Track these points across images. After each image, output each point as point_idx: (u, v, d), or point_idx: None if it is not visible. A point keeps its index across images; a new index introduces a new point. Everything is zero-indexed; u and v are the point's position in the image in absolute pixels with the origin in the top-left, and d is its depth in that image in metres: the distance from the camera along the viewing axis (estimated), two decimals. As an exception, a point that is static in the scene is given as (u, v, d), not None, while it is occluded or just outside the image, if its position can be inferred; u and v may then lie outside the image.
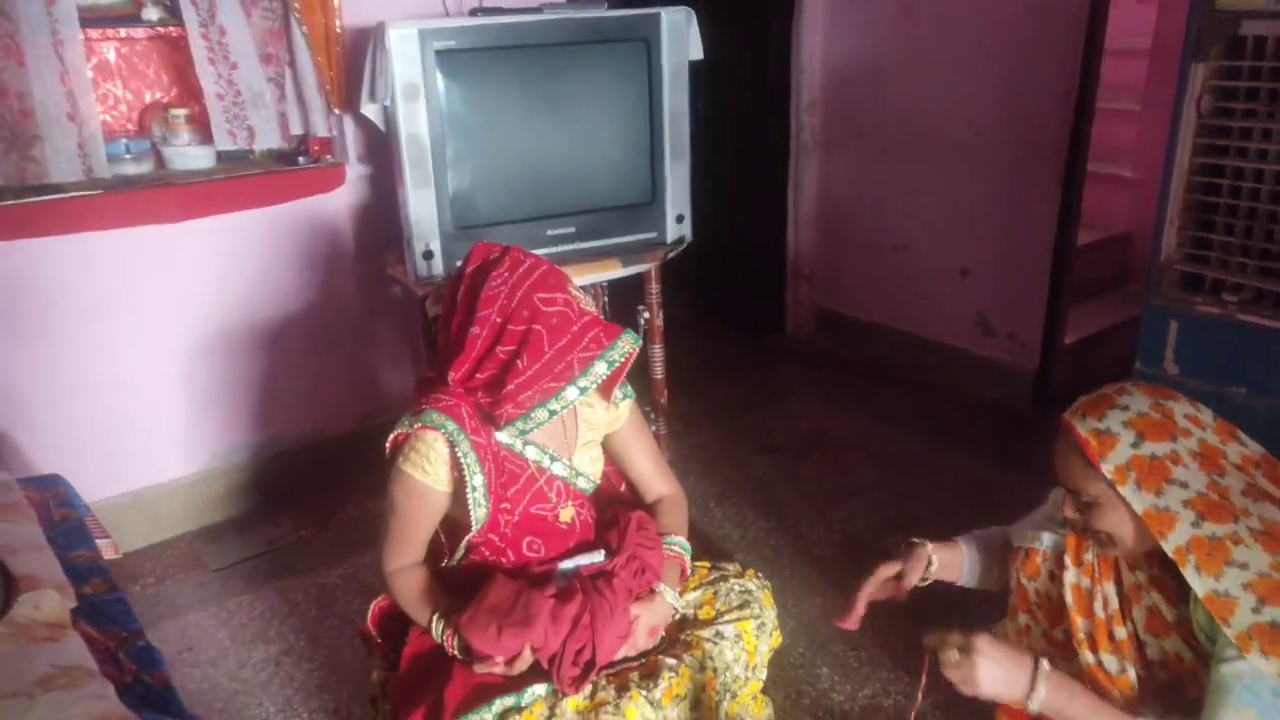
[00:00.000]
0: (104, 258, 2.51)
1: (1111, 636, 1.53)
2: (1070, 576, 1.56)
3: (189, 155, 2.64)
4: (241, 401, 2.84)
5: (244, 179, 2.65)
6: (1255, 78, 1.90)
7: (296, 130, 2.68)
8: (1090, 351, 3.50)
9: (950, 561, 1.79)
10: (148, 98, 2.69)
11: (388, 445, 1.66)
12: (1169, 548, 1.36)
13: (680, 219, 2.72)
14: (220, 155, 2.69)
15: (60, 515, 2.00)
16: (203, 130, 2.64)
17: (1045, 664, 1.40)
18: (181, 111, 2.64)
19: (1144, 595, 1.51)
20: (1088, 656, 1.55)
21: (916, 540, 1.79)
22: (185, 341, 2.70)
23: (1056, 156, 3.08)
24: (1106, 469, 1.39)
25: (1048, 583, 1.63)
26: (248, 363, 2.81)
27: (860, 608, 1.73)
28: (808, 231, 3.98)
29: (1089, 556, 1.56)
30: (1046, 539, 1.63)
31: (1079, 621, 1.55)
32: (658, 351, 2.90)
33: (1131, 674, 1.52)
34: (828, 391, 3.63)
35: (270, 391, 2.88)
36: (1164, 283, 2.11)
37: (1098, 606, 1.54)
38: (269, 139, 2.63)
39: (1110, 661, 1.54)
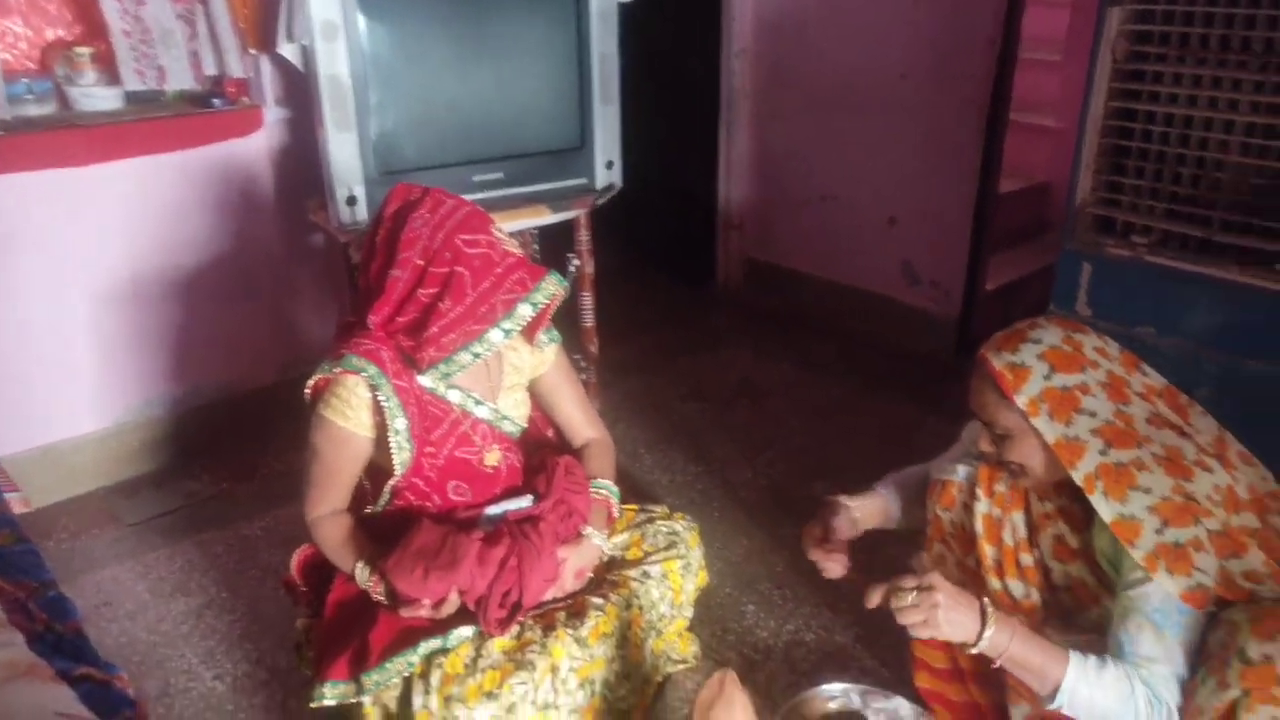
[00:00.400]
0: (6, 202, 2.39)
1: (1018, 563, 1.60)
2: (981, 507, 1.62)
3: (95, 96, 2.52)
4: (157, 352, 2.75)
5: (155, 121, 2.54)
6: (1168, 22, 1.95)
7: (210, 70, 2.58)
8: (1011, 298, 3.59)
9: (873, 510, 1.83)
10: (50, 35, 2.56)
11: (307, 391, 1.63)
12: (1078, 476, 1.41)
13: (610, 165, 2.70)
14: (129, 96, 2.57)
15: (-37, 467, 1.92)
16: (109, 70, 2.52)
17: (989, 605, 1.43)
18: (86, 50, 2.51)
19: (1051, 524, 1.58)
20: (994, 583, 1.62)
21: (831, 498, 1.81)
22: (96, 290, 2.60)
23: (980, 107, 3.12)
24: (1020, 400, 1.44)
25: (961, 513, 1.69)
26: (163, 312, 2.72)
27: (825, 559, 1.73)
28: (739, 181, 3.98)
29: (1000, 487, 1.62)
30: (961, 471, 1.69)
31: (987, 549, 1.62)
32: (588, 299, 2.89)
33: (1036, 598, 1.59)
34: (757, 340, 3.66)
35: (187, 342, 2.80)
36: (1078, 226, 2.17)
37: (1006, 535, 1.61)
38: (181, 79, 2.52)
39: (1016, 587, 1.60)
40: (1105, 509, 1.40)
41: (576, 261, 2.77)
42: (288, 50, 2.39)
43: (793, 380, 3.32)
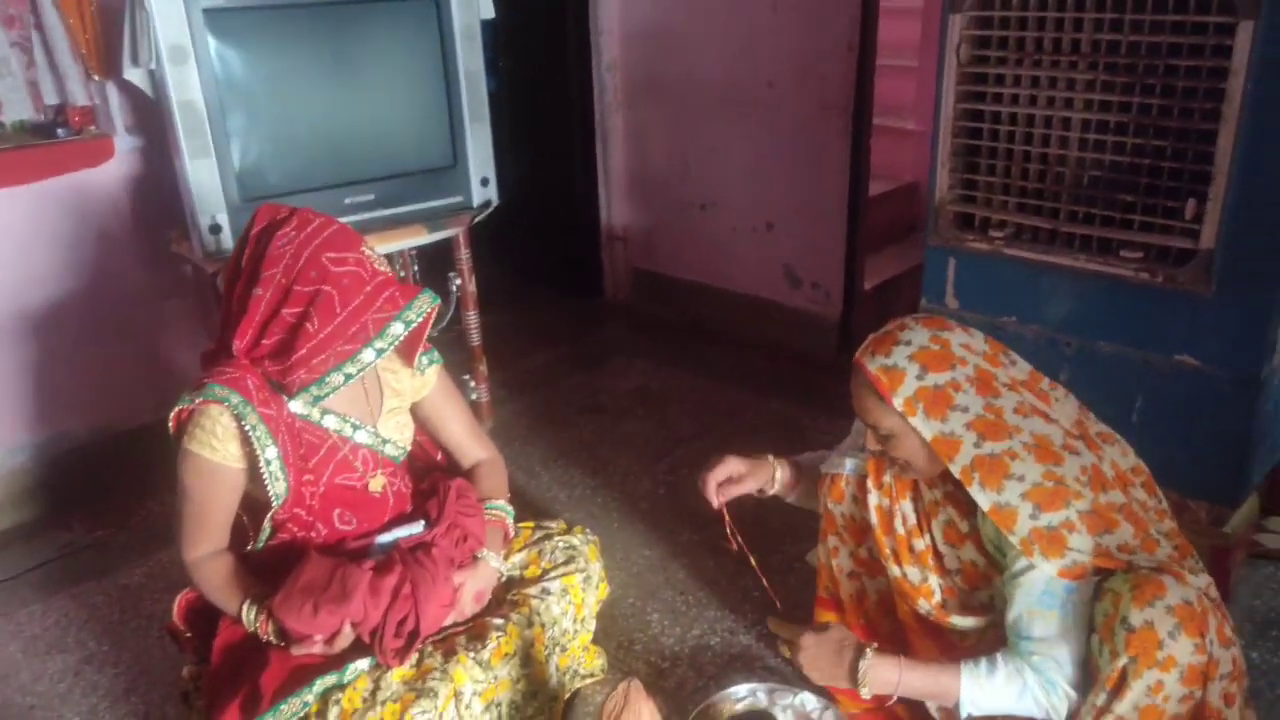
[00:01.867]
0: None
1: (912, 550, 1.67)
2: (872, 499, 1.69)
3: (-73, 129, 2.37)
4: (16, 397, 2.60)
5: (-5, 154, 2.41)
6: (1005, 27, 2.06)
7: (51, 99, 2.46)
8: (888, 296, 3.72)
9: (786, 481, 1.89)
10: None
11: (170, 424, 1.57)
12: (955, 469, 1.49)
13: (485, 182, 2.68)
14: (-36, 129, 2.43)
15: None
16: (-59, 101, 2.38)
17: (869, 653, 1.54)
18: (-87, 81, 2.36)
19: (940, 510, 1.64)
20: (894, 570, 1.69)
21: (763, 455, 1.89)
22: (-59, 336, 2.44)
23: (844, 111, 3.23)
24: (897, 402, 1.50)
25: (851, 505, 1.75)
26: (20, 354, 2.57)
27: (711, 487, 1.84)
28: (619, 193, 4.02)
29: (887, 478, 1.69)
30: (849, 464, 1.76)
31: (884, 539, 1.68)
32: (473, 318, 2.87)
33: (933, 582, 1.66)
34: (648, 350, 3.69)
35: (50, 385, 2.65)
36: (940, 223, 2.26)
37: (898, 524, 1.68)
38: (19, 109, 2.40)
39: (913, 573, 1.67)
40: (983, 498, 1.47)
41: (458, 280, 2.75)
42: (134, 75, 2.30)
43: (687, 387, 3.36)
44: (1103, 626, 1.41)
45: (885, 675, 1.54)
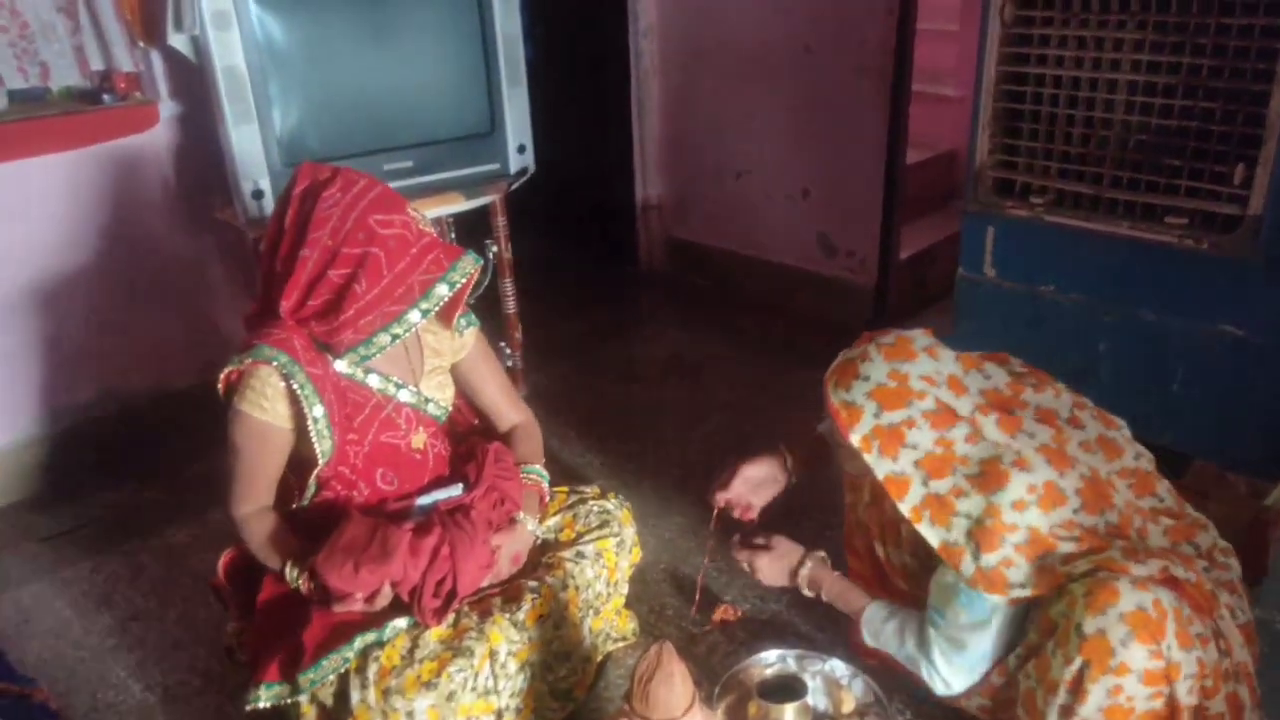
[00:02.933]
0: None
1: (899, 532, 1.75)
2: (871, 481, 1.72)
3: (-25, 97, 2.41)
4: (64, 360, 2.65)
5: (42, 120, 2.44)
6: (1053, -15, 2.02)
7: (97, 65, 2.48)
8: (924, 265, 3.68)
9: (811, 458, 1.96)
10: (-80, 34, 2.43)
11: (219, 385, 1.60)
12: (905, 510, 1.54)
13: (522, 149, 2.68)
14: (12, 95, 2.46)
15: None
16: (-11, 69, 2.41)
17: (809, 561, 1.84)
18: (-39, 48, 2.39)
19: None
20: (879, 550, 1.80)
21: (772, 447, 1.95)
22: (-4, 298, 2.50)
23: (883, 78, 3.18)
24: (854, 439, 1.55)
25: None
26: (67, 318, 2.62)
27: (719, 502, 1.92)
28: (654, 161, 4.00)
29: None
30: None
31: (873, 519, 1.78)
32: (508, 286, 2.88)
33: (915, 568, 1.74)
34: (682, 318, 3.69)
35: (96, 348, 2.70)
36: (979, 189, 2.23)
37: (887, 506, 1.71)
38: (65, 75, 2.43)
39: (895, 555, 1.77)
40: (931, 536, 1.52)
41: (494, 248, 2.76)
42: (178, 41, 2.32)
43: (720, 355, 3.36)
44: (1060, 629, 1.44)
45: (819, 578, 1.83)
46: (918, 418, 1.53)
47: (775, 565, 1.86)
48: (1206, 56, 1.87)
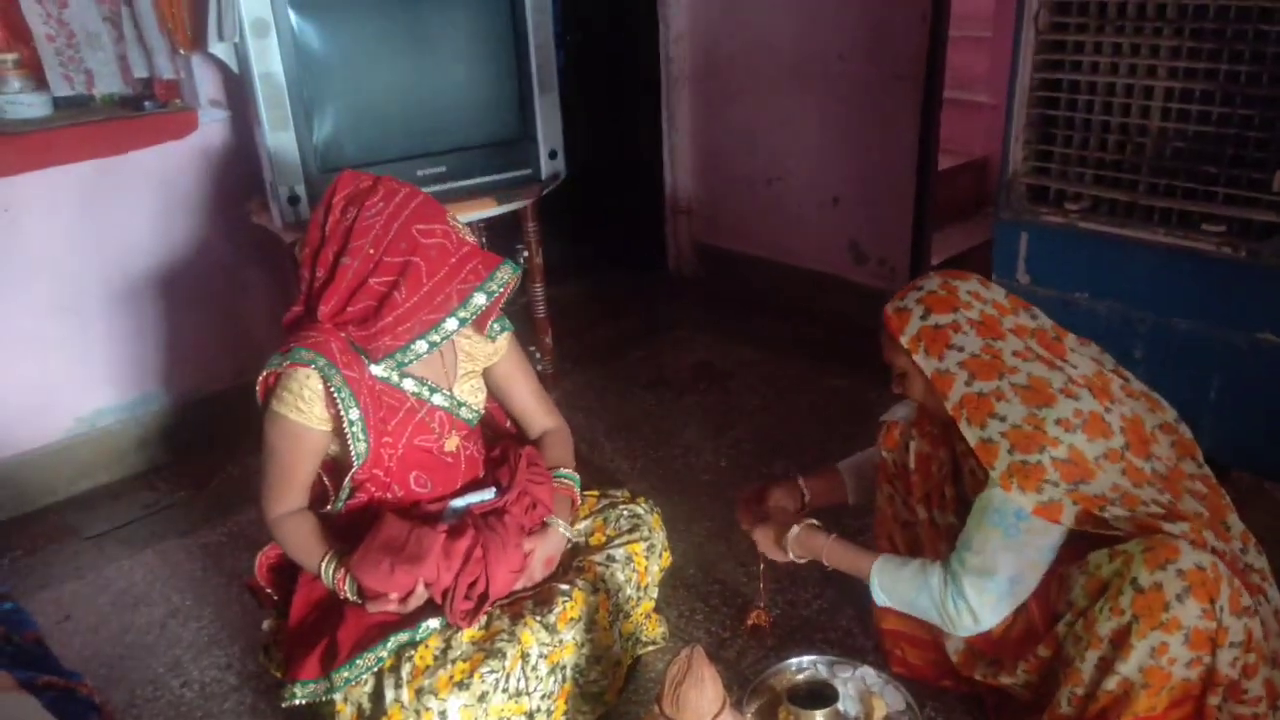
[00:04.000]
0: (-65, 216, 2.34)
1: (943, 495, 1.75)
2: (915, 445, 1.76)
3: (22, 103, 2.46)
4: (105, 362, 2.70)
5: (86, 126, 2.49)
6: (1088, -7, 2.01)
7: (140, 73, 2.53)
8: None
9: (827, 489, 1.98)
10: (-30, 42, 2.50)
11: (258, 388, 1.62)
12: (948, 405, 1.57)
13: (554, 155, 2.70)
14: (58, 102, 2.52)
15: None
16: (36, 76, 2.47)
17: (796, 527, 1.81)
18: (10, 56, 2.45)
19: (966, 460, 1.69)
20: (921, 512, 1.76)
21: (790, 478, 1.99)
22: (37, 301, 2.54)
23: (915, 83, 3.18)
24: (903, 340, 1.61)
25: (903, 453, 1.80)
26: (108, 321, 2.68)
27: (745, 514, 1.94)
28: (684, 166, 4.01)
29: (931, 428, 1.75)
30: (901, 411, 1.83)
31: (918, 481, 1.76)
32: (539, 291, 2.90)
33: (959, 527, 1.69)
34: (711, 324, 3.69)
35: (136, 351, 2.75)
36: (1013, 196, 2.22)
37: (934, 468, 1.75)
38: (109, 83, 2.47)
39: (939, 517, 1.75)
40: (969, 434, 1.54)
41: (525, 253, 2.78)
42: (219, 50, 2.36)
43: (750, 361, 3.36)
44: (1111, 586, 1.44)
45: (812, 542, 1.79)
46: (964, 324, 1.58)
47: (767, 531, 1.86)
48: (1245, 63, 1.86)
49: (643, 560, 1.88)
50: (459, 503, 1.75)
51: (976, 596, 1.59)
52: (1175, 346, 2.12)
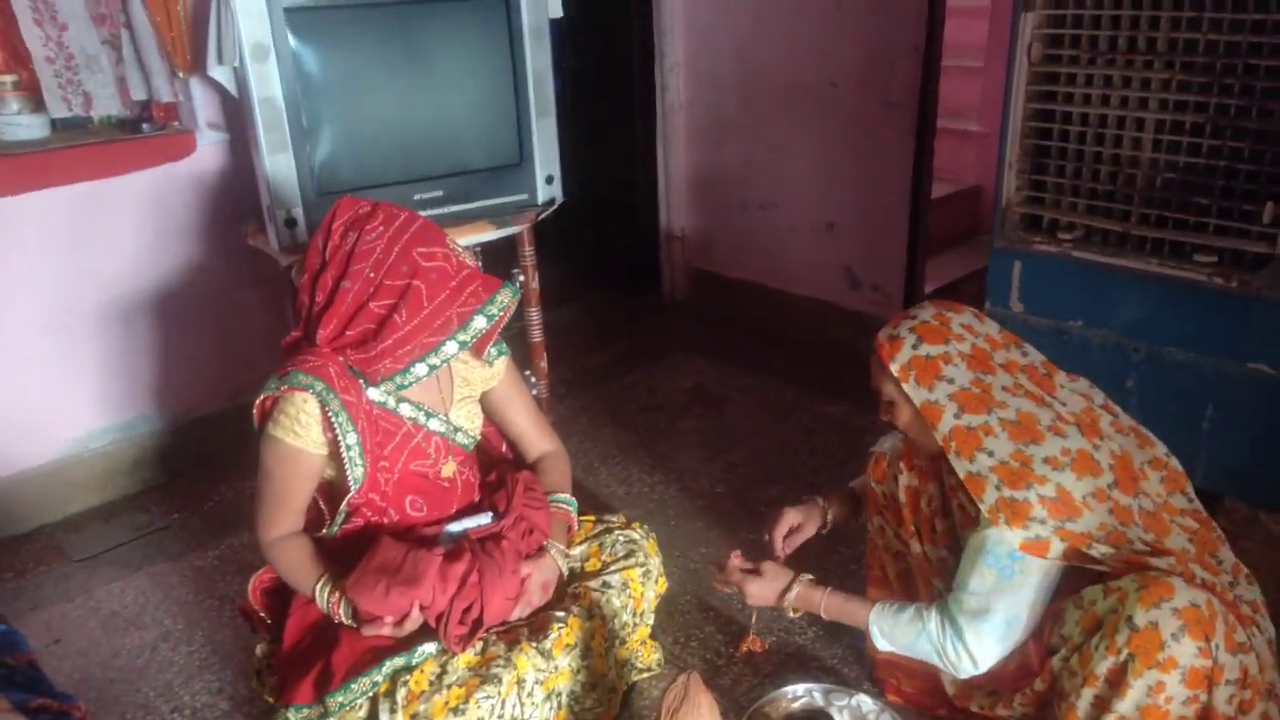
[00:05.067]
0: (-69, 236, 2.34)
1: (934, 529, 1.75)
2: (903, 479, 1.77)
3: (20, 124, 2.47)
4: (99, 382, 2.70)
5: (84, 148, 2.50)
6: (1078, 26, 2.04)
7: (138, 95, 2.54)
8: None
9: (844, 510, 1.98)
10: (-31, 64, 2.51)
11: (255, 412, 1.62)
12: (938, 436, 1.58)
13: (550, 180, 2.72)
14: (56, 124, 2.53)
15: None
16: (34, 98, 2.48)
17: (797, 585, 1.78)
18: (9, 78, 2.46)
19: (955, 495, 1.69)
20: (915, 546, 1.77)
21: (809, 497, 1.97)
22: (33, 321, 2.54)
23: (909, 112, 3.21)
24: (894, 367, 1.61)
25: (891, 484, 1.81)
26: (104, 342, 2.67)
27: (778, 546, 1.92)
28: (679, 193, 4.03)
29: (919, 461, 1.76)
30: (889, 443, 1.84)
31: (909, 516, 1.77)
32: (534, 315, 2.90)
33: (949, 560, 1.72)
34: (706, 349, 3.70)
35: (131, 372, 2.75)
36: (1007, 225, 2.25)
37: (923, 503, 1.75)
38: (108, 105, 2.49)
39: (931, 550, 1.75)
40: (959, 466, 1.55)
41: (522, 277, 2.79)
42: (218, 73, 2.37)
43: (745, 387, 3.37)
44: (1107, 623, 1.45)
45: (811, 598, 1.77)
46: (955, 356, 1.59)
47: (765, 588, 1.82)
48: (1234, 96, 1.89)
49: (639, 586, 1.87)
50: (455, 527, 1.75)
51: (974, 639, 1.59)
52: (1168, 376, 2.14)
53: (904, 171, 3.28)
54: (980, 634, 1.58)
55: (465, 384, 1.81)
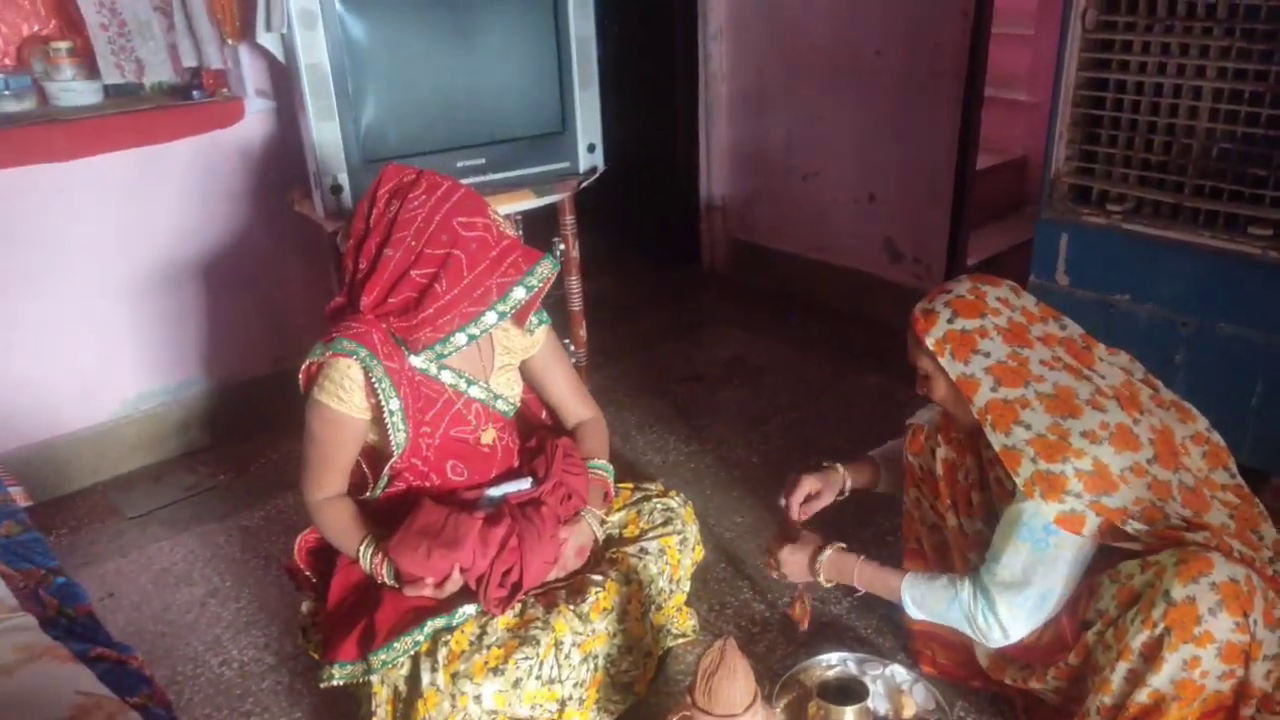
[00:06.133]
0: (-12, 199, 2.40)
1: (970, 503, 1.74)
2: (941, 452, 1.76)
3: (74, 91, 2.52)
4: (149, 347, 2.76)
5: (135, 115, 2.54)
6: (1135, -10, 1.99)
7: (189, 62, 2.58)
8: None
9: (862, 477, 1.98)
10: (26, 31, 2.55)
11: (300, 377, 1.65)
12: (974, 409, 1.57)
13: (592, 148, 2.71)
14: (108, 90, 2.57)
15: (-37, 463, 1.93)
16: (88, 64, 2.52)
17: (828, 550, 1.81)
18: (63, 45, 2.50)
19: (993, 468, 1.68)
20: (951, 520, 1.76)
21: (829, 464, 1.97)
22: (84, 285, 2.60)
23: (956, 80, 3.15)
24: (929, 341, 1.61)
25: (929, 457, 1.80)
26: (153, 306, 2.73)
27: (794, 512, 1.92)
28: (720, 163, 4.01)
29: (956, 434, 1.75)
30: (926, 415, 1.83)
31: (945, 489, 1.76)
32: (574, 284, 2.91)
33: (987, 535, 1.70)
34: (744, 320, 3.70)
35: (179, 336, 2.80)
36: (1055, 196, 2.21)
37: (960, 476, 1.74)
38: (159, 72, 2.52)
39: (967, 524, 1.75)
40: (995, 439, 1.55)
41: (562, 246, 2.79)
42: (267, 40, 2.39)
43: (783, 358, 3.36)
44: (1144, 598, 1.44)
45: (843, 565, 1.79)
46: (991, 330, 1.58)
47: (796, 553, 1.84)
48: (1297, 64, 1.83)
49: (675, 553, 1.89)
50: (495, 491, 1.77)
51: (1006, 610, 1.59)
52: (1218, 351, 2.10)
53: (949, 142, 3.23)
54: (1013, 606, 1.58)
55: (506, 352, 1.82)
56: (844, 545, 1.82)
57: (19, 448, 2.54)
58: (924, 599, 1.70)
